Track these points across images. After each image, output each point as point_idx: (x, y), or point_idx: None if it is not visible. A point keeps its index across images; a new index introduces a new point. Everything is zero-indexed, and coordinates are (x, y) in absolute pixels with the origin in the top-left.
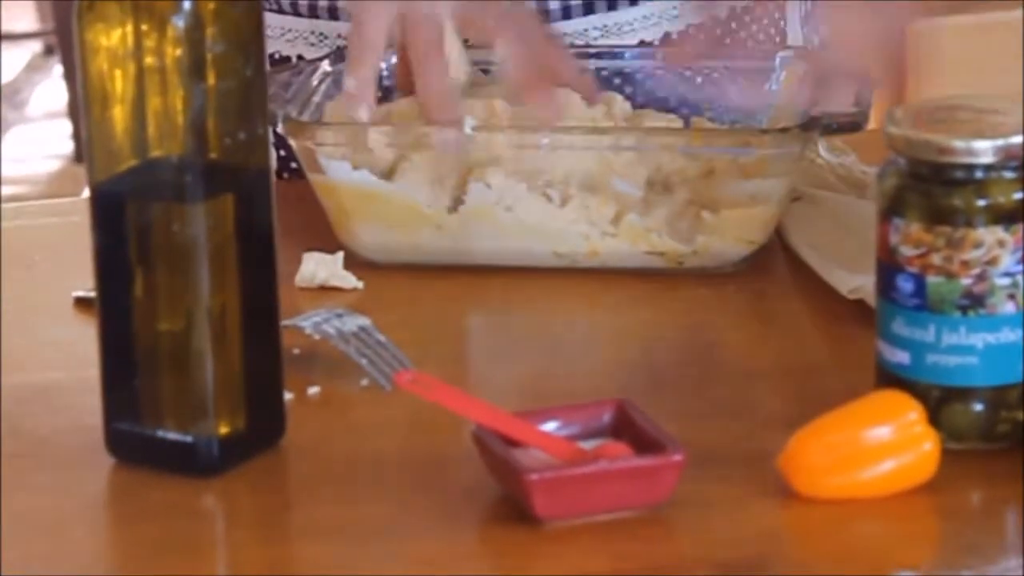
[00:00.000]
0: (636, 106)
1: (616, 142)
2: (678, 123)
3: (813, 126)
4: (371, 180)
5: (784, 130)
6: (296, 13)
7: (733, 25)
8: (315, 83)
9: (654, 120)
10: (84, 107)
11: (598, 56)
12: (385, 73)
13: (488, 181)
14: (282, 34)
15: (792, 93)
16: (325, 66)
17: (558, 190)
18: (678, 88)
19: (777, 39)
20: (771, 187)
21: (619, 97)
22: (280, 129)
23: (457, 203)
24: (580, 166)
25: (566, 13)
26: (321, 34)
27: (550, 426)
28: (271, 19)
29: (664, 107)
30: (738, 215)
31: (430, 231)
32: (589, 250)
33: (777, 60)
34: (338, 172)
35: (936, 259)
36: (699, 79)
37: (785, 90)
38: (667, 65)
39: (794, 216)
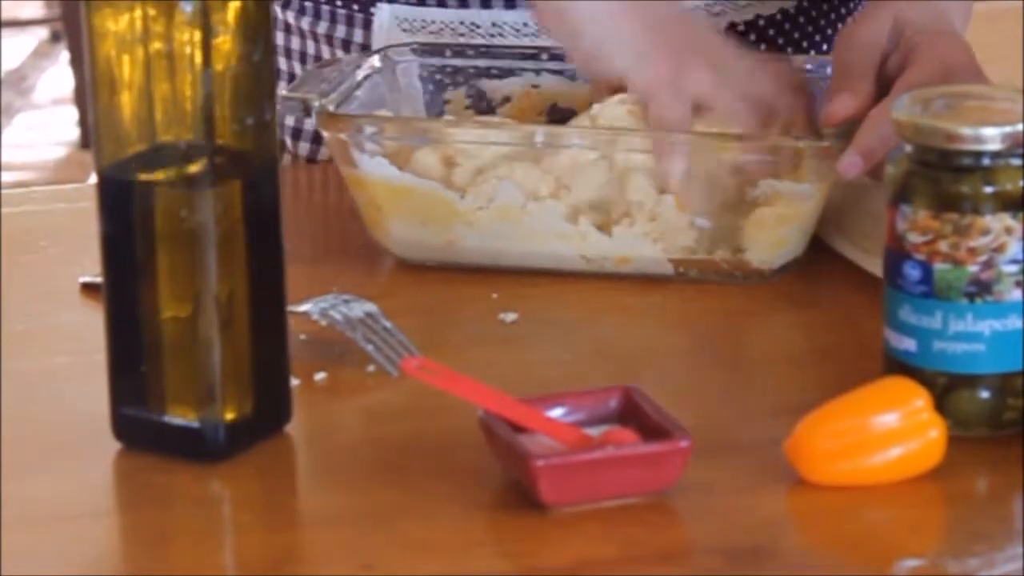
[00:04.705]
0: None
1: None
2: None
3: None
4: (404, 175)
5: (820, 138)
6: (441, 4)
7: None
8: (360, 77)
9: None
10: (92, 92)
11: None
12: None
13: (515, 179)
14: (423, 27)
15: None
16: (375, 61)
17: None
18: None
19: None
20: (805, 191)
21: None
22: (313, 121)
23: (487, 201)
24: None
25: None
26: (473, 23)
27: (557, 412)
28: (411, 12)
29: None
30: (774, 214)
31: (462, 228)
32: (619, 256)
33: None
34: (370, 166)
35: (943, 246)
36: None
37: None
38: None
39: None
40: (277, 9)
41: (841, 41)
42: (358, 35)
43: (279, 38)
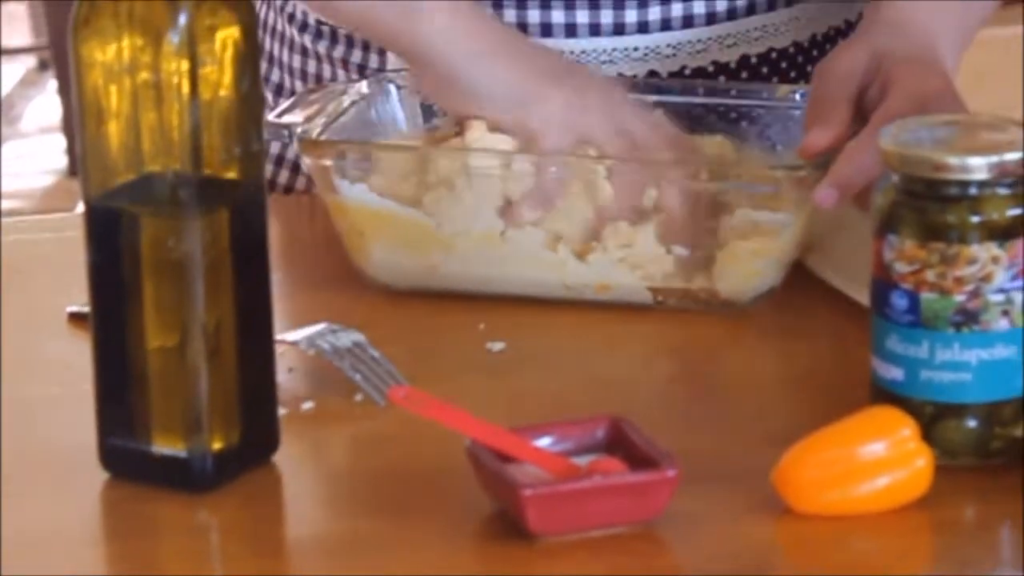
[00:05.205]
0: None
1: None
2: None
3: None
4: (385, 201)
5: (797, 167)
6: None
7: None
8: (346, 103)
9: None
10: (79, 122)
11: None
12: None
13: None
14: None
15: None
16: (363, 88)
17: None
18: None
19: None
20: (782, 221)
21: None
22: (294, 147)
23: (466, 228)
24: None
25: (665, 25)
26: None
27: (544, 442)
28: None
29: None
30: (748, 248)
31: (441, 254)
32: (599, 284)
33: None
34: (352, 192)
35: (930, 275)
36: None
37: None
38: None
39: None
40: (294, 32)
41: (818, 73)
42: (373, 60)
43: (296, 61)
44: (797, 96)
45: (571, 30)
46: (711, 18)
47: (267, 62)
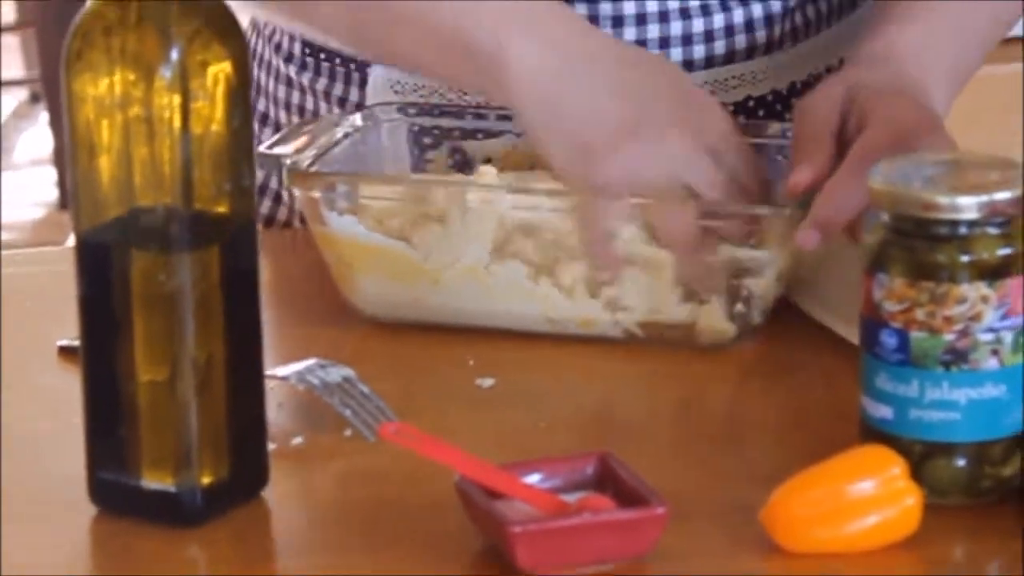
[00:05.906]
0: None
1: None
2: None
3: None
4: (373, 234)
5: (782, 206)
6: None
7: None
8: (339, 135)
9: None
10: (70, 156)
11: None
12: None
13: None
14: (415, 89)
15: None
16: (356, 120)
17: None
18: None
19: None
20: (765, 259)
21: None
22: (283, 178)
23: (453, 260)
24: (564, 230)
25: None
26: (461, 89)
27: (533, 478)
28: (403, 75)
29: None
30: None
31: (427, 286)
32: (582, 319)
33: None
34: (340, 224)
35: (919, 314)
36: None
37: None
38: None
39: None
40: (280, 63)
41: (798, 111)
42: (354, 93)
43: (280, 91)
44: (782, 134)
45: None
46: (688, 66)
47: (254, 91)
